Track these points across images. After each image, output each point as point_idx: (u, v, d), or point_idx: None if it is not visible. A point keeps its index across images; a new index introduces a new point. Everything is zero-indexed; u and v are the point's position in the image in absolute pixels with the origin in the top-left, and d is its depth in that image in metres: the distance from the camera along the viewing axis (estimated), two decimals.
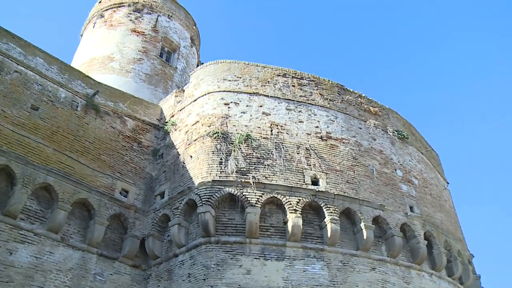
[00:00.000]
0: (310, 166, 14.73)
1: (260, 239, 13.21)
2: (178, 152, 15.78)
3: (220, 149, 14.51)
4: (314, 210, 14.13)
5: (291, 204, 13.65)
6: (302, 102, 16.53)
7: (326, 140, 15.71)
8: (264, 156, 14.61)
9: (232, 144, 14.65)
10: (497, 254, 56.23)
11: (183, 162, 15.16)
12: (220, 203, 13.67)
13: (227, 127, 15.18)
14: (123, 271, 14.14)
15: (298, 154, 14.91)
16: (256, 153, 14.62)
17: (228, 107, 15.76)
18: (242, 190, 13.65)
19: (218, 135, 14.80)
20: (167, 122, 17.35)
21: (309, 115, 16.21)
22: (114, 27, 25.91)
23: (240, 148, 14.53)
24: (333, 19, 72.04)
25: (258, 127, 15.33)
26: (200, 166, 14.37)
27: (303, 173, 14.50)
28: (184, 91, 17.87)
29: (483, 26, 62.13)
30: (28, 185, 12.83)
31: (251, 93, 16.28)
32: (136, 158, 16.20)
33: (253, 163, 14.36)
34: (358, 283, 13.09)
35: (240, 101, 15.99)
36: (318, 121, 16.16)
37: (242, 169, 14.13)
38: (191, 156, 14.96)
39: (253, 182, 13.80)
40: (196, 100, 16.57)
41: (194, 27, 29.60)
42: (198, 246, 13.24)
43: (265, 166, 14.37)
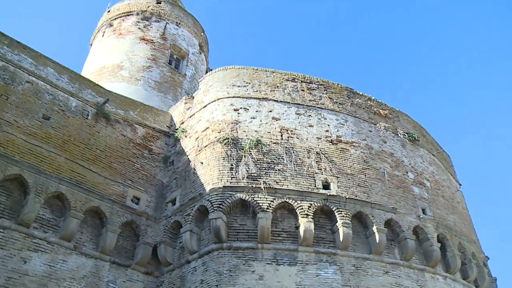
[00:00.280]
0: (321, 170, 14.69)
1: (272, 244, 13.18)
2: (188, 158, 15.82)
3: (230, 155, 14.52)
4: (325, 214, 14.08)
5: (302, 208, 13.61)
6: (311, 106, 16.52)
7: (337, 144, 15.67)
8: (274, 161, 14.60)
9: (242, 149, 14.66)
10: None
11: (194, 169, 15.19)
12: (231, 209, 13.68)
13: (237, 132, 15.20)
14: (135, 278, 14.17)
15: (308, 158, 14.88)
16: (266, 158, 14.61)
17: (238, 113, 15.78)
18: (253, 196, 13.65)
19: (229, 141, 14.82)
20: (177, 129, 17.40)
21: (319, 119, 16.19)
22: (123, 36, 26.09)
23: (251, 154, 14.54)
24: (340, 22, 72.04)
25: (268, 132, 15.34)
26: (211, 172, 14.39)
27: (314, 177, 14.47)
28: (193, 97, 17.93)
29: (499, 25, 61.59)
30: (40, 194, 12.94)
31: (260, 98, 16.30)
32: (147, 166, 16.27)
33: (263, 168, 14.35)
34: (372, 287, 13.00)
35: (249, 106, 16.01)
36: (328, 125, 16.13)
37: (253, 174, 14.13)
38: (202, 163, 14.98)
39: (264, 187, 13.79)
40: (205, 106, 16.62)
41: (202, 33, 29.72)
42: (210, 252, 13.24)
43: (276, 171, 14.36)
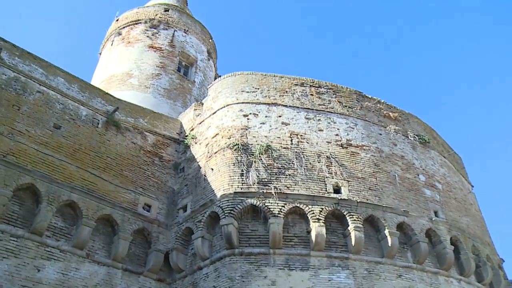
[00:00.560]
0: (332, 174, 14.65)
1: (284, 250, 13.14)
2: (199, 165, 15.85)
3: (241, 160, 14.54)
4: (337, 219, 14.02)
5: (314, 213, 13.57)
6: (321, 110, 16.50)
7: (347, 147, 15.62)
8: (285, 166, 14.58)
9: (252, 155, 14.67)
10: None
11: (205, 175, 15.21)
12: (242, 215, 13.67)
13: (247, 138, 15.21)
14: (148, 285, 14.19)
15: (319, 162, 14.85)
16: (277, 163, 14.60)
17: (248, 119, 15.80)
18: (264, 201, 13.63)
19: (239, 147, 14.83)
20: (187, 136, 17.46)
21: (328, 123, 16.16)
22: (131, 44, 26.25)
23: (261, 159, 14.53)
24: (348, 25, 72.02)
25: (278, 137, 15.33)
26: (221, 178, 14.40)
27: (324, 181, 14.43)
28: (202, 104, 17.99)
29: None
30: (53, 202, 13.03)
31: (269, 103, 16.31)
32: (157, 173, 16.32)
33: (274, 174, 14.34)
34: None
35: (259, 112, 16.02)
36: (338, 128, 16.09)
37: (263, 180, 14.12)
38: (212, 169, 15.01)
39: (275, 193, 13.77)
40: (215, 112, 16.66)
41: (210, 40, 29.83)
42: (222, 258, 13.23)
43: (286, 176, 14.34)
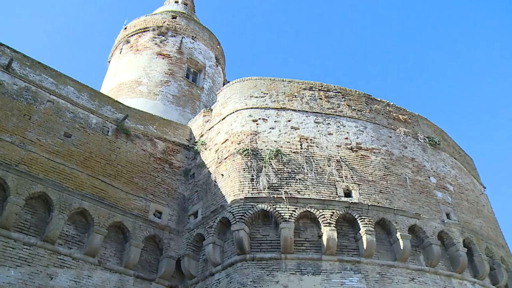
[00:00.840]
0: (342, 178, 14.60)
1: (296, 254, 13.10)
2: (209, 171, 15.87)
3: (251, 166, 14.53)
4: (348, 222, 13.96)
5: (325, 217, 13.53)
6: (330, 114, 16.46)
7: (357, 151, 15.57)
8: (295, 170, 14.56)
9: (262, 160, 14.66)
10: None
11: (215, 181, 15.23)
12: (253, 220, 13.66)
13: (256, 143, 15.21)
14: None
15: (329, 166, 14.81)
16: (287, 168, 14.58)
17: (257, 124, 15.81)
18: (275, 206, 13.61)
19: (248, 152, 14.83)
20: (196, 142, 17.49)
21: (338, 127, 16.12)
22: (140, 52, 26.40)
23: (271, 164, 14.52)
24: (353, 28, 71.95)
25: (287, 142, 15.32)
26: (231, 184, 14.41)
27: (335, 185, 14.38)
28: (212, 110, 18.03)
29: None
30: (64, 210, 13.11)
31: (278, 108, 16.30)
32: (168, 179, 16.36)
33: (284, 178, 14.31)
34: None
35: (268, 117, 16.03)
36: (347, 132, 16.05)
37: (273, 184, 14.10)
38: (223, 175, 15.02)
39: (285, 197, 13.75)
40: (224, 118, 16.69)
41: (218, 46, 29.92)
42: (233, 264, 13.22)
43: (296, 180, 14.31)
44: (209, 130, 17.25)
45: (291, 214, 13.46)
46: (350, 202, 13.95)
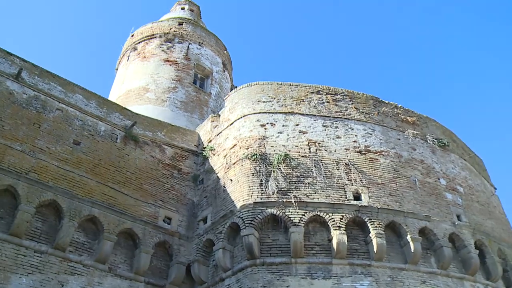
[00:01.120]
0: (351, 181, 14.55)
1: (306, 258, 13.05)
2: (218, 176, 15.88)
3: (259, 170, 14.52)
4: (358, 226, 13.90)
5: (334, 221, 13.48)
6: (338, 117, 16.43)
7: (365, 154, 15.51)
8: (304, 174, 14.53)
9: (271, 165, 14.65)
10: None
11: (224, 186, 15.23)
12: (263, 225, 13.63)
13: (265, 148, 15.21)
14: None
15: (338, 170, 14.77)
16: (295, 172, 14.56)
17: (265, 128, 15.81)
18: (284, 210, 13.58)
19: (257, 157, 14.83)
20: (205, 148, 17.52)
21: (346, 130, 16.08)
22: (147, 59, 26.53)
23: (280, 168, 14.51)
24: (363, 31, 71.86)
25: (296, 146, 15.30)
26: (241, 189, 14.41)
27: (344, 189, 14.33)
28: (219, 115, 18.06)
29: None
30: (74, 218, 13.17)
31: (286, 112, 16.30)
32: (177, 185, 16.40)
33: (293, 183, 14.29)
34: None
35: (276, 121, 16.02)
36: (356, 135, 16.00)
37: (283, 189, 14.08)
38: (231, 180, 15.02)
39: (294, 202, 13.72)
40: (232, 123, 16.71)
41: (225, 52, 29.99)
42: (243, 269, 13.19)
43: (305, 184, 14.28)
44: (217, 135, 17.28)
45: (300, 218, 13.43)
46: (360, 205, 13.89)
